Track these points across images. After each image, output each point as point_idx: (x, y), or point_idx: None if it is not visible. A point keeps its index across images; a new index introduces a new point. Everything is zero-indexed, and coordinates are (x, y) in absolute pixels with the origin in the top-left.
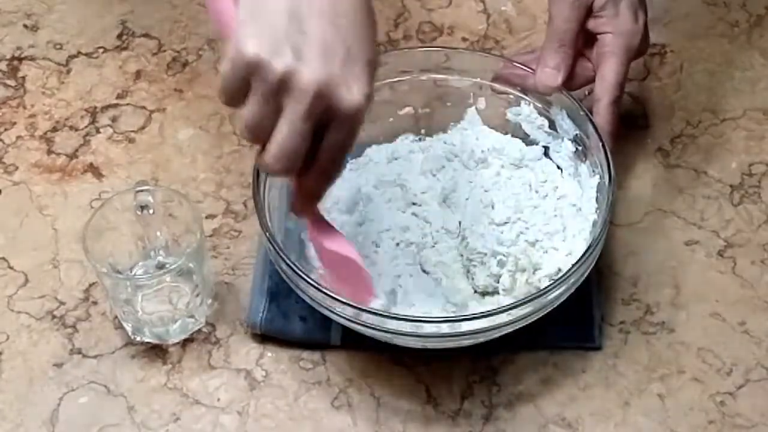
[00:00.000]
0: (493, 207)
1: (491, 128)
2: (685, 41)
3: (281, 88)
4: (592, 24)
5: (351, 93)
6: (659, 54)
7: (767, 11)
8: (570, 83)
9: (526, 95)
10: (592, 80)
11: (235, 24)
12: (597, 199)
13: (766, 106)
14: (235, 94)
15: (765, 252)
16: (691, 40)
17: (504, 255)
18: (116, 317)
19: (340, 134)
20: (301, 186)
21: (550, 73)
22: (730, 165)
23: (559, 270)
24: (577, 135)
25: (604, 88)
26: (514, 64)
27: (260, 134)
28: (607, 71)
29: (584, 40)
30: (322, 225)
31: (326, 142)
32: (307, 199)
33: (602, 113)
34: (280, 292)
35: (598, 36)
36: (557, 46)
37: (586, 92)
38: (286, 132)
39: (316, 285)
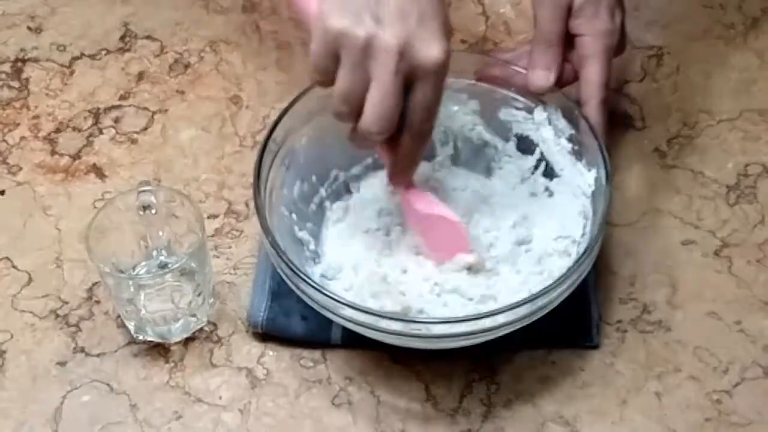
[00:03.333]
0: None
1: (485, 129)
2: (682, 43)
3: (367, 53)
4: (571, 24)
5: (431, 49)
6: (656, 56)
7: (763, 13)
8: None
9: (523, 96)
10: (572, 81)
11: (316, 5)
12: (593, 198)
13: (762, 107)
14: (326, 70)
15: (761, 252)
16: (687, 41)
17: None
18: (119, 316)
19: (426, 91)
20: (398, 155)
21: (541, 74)
22: (726, 165)
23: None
24: (572, 134)
25: (591, 91)
26: (498, 61)
27: (354, 103)
28: (592, 73)
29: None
30: (415, 191)
31: (414, 101)
32: (404, 166)
33: (592, 115)
34: (281, 291)
35: (577, 38)
36: (545, 47)
37: None
38: (378, 94)
39: (315, 286)
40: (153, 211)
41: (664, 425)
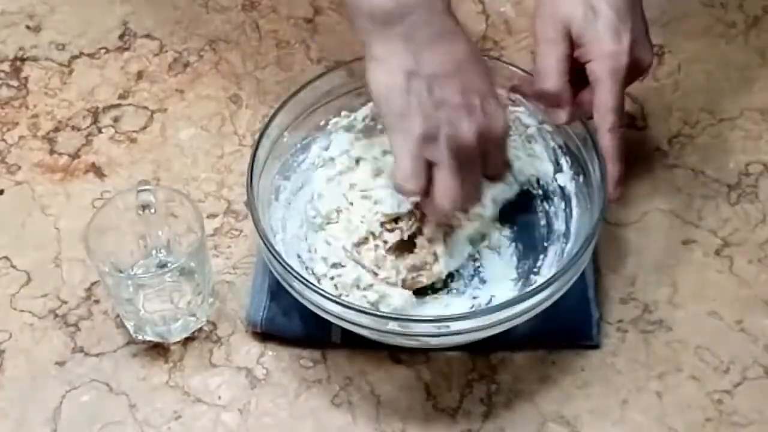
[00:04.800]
0: None
1: None
2: (683, 42)
3: (453, 152)
4: (577, 54)
5: (497, 124)
6: (657, 55)
7: (764, 12)
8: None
9: (518, 95)
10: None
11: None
12: (591, 196)
13: (763, 106)
14: (422, 174)
15: (762, 251)
16: (688, 40)
17: None
18: (118, 316)
19: (498, 154)
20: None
21: (552, 113)
22: (727, 165)
23: None
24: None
25: (599, 117)
26: (527, 74)
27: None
28: (598, 99)
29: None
30: None
31: (491, 164)
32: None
33: (601, 142)
34: (280, 290)
35: (585, 65)
36: (551, 88)
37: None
38: (469, 182)
39: (311, 285)
40: (152, 211)
41: (664, 425)
